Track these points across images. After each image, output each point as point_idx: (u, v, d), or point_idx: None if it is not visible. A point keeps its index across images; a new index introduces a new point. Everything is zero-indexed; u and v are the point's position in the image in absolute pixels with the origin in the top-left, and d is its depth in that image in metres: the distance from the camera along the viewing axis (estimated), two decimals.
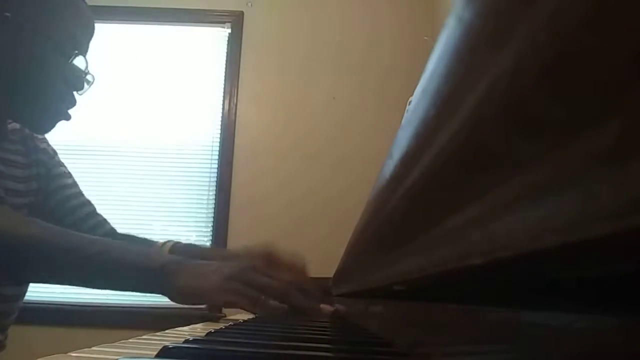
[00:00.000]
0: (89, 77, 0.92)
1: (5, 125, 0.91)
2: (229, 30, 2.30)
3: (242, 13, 2.30)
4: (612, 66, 0.09)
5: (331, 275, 1.10)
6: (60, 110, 0.88)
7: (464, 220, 0.18)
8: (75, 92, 0.90)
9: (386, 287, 0.38)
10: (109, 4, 2.18)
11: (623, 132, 0.09)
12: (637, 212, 0.09)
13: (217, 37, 2.32)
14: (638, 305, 0.13)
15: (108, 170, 2.18)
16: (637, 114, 0.09)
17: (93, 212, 1.04)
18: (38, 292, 1.95)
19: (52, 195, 0.99)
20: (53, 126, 0.90)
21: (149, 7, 2.29)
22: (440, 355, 0.30)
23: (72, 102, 0.90)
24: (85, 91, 0.92)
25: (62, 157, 1.03)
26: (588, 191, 0.10)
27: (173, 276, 0.70)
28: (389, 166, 0.26)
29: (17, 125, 0.94)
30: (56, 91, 0.86)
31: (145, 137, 2.23)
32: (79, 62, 0.88)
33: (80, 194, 1.04)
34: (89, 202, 1.05)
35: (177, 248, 0.97)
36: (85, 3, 0.91)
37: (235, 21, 2.30)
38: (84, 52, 0.90)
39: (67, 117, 0.91)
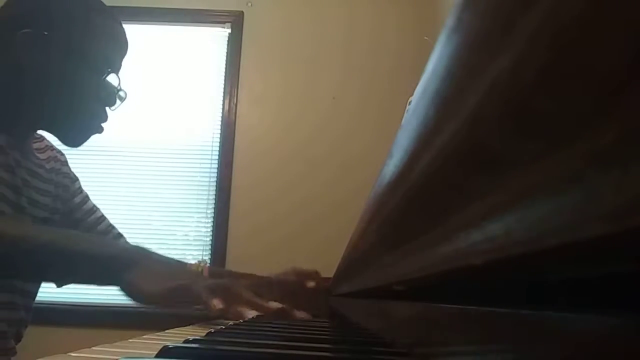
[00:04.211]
0: (121, 93, 0.94)
1: (31, 141, 0.92)
2: (229, 30, 2.30)
3: (242, 13, 2.30)
4: (611, 66, 0.09)
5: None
6: (92, 125, 0.91)
7: (464, 220, 0.18)
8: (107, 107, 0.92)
9: (386, 287, 0.38)
10: (109, 5, 2.18)
11: (623, 132, 0.09)
12: (637, 212, 0.09)
13: (217, 37, 2.32)
14: (638, 305, 0.13)
15: (108, 170, 2.18)
16: (637, 114, 0.09)
17: (117, 235, 1.08)
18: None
19: (78, 223, 1.01)
20: (85, 140, 0.92)
21: (149, 7, 2.29)
22: (440, 355, 0.30)
23: (104, 117, 0.92)
24: (118, 106, 0.95)
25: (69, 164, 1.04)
26: (588, 191, 0.10)
27: (124, 267, 0.69)
28: (389, 166, 0.26)
29: (42, 145, 0.96)
30: (89, 108, 0.88)
31: (145, 137, 2.23)
32: (111, 78, 0.90)
33: (103, 217, 1.07)
34: (111, 226, 1.08)
35: (211, 270, 0.98)
36: (119, 22, 0.93)
37: (235, 21, 2.30)
38: (116, 69, 0.92)
39: (100, 131, 0.93)
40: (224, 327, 0.64)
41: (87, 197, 1.06)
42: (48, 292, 1.99)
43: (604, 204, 0.10)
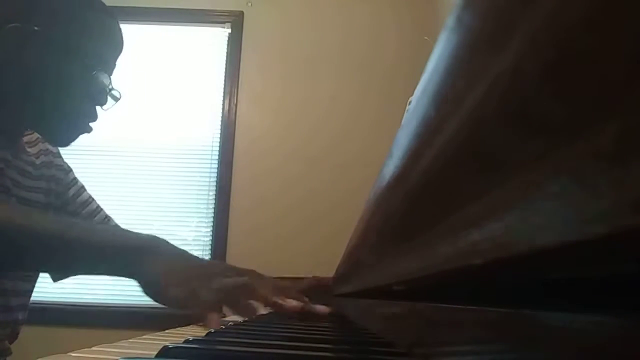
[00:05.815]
0: (115, 93, 0.91)
1: (21, 138, 0.90)
2: (229, 30, 2.30)
3: (242, 13, 2.30)
4: (611, 66, 0.09)
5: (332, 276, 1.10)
6: (81, 124, 0.88)
7: (463, 220, 0.18)
8: (98, 107, 0.89)
9: (386, 287, 0.38)
10: (109, 4, 2.18)
11: (623, 132, 0.09)
12: (637, 212, 0.09)
13: (217, 37, 2.32)
14: (638, 305, 0.13)
15: (108, 170, 2.18)
16: (637, 114, 0.09)
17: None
18: (37, 291, 1.95)
19: (73, 214, 0.99)
20: (73, 139, 0.89)
21: (149, 7, 2.29)
22: (440, 355, 0.30)
23: (94, 117, 0.89)
24: (111, 107, 0.92)
25: (62, 156, 1.03)
26: (588, 191, 0.10)
27: (147, 257, 0.65)
28: (389, 166, 0.26)
29: (33, 138, 0.94)
30: (78, 106, 0.86)
31: (145, 137, 2.23)
32: (103, 77, 0.88)
33: (99, 209, 1.05)
34: (108, 217, 1.06)
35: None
36: (115, 20, 0.90)
37: (235, 21, 2.30)
38: (109, 68, 0.90)
39: (89, 130, 0.90)
40: (224, 327, 0.64)
41: (82, 189, 1.03)
42: (48, 292, 2.00)
43: (604, 204, 0.10)
